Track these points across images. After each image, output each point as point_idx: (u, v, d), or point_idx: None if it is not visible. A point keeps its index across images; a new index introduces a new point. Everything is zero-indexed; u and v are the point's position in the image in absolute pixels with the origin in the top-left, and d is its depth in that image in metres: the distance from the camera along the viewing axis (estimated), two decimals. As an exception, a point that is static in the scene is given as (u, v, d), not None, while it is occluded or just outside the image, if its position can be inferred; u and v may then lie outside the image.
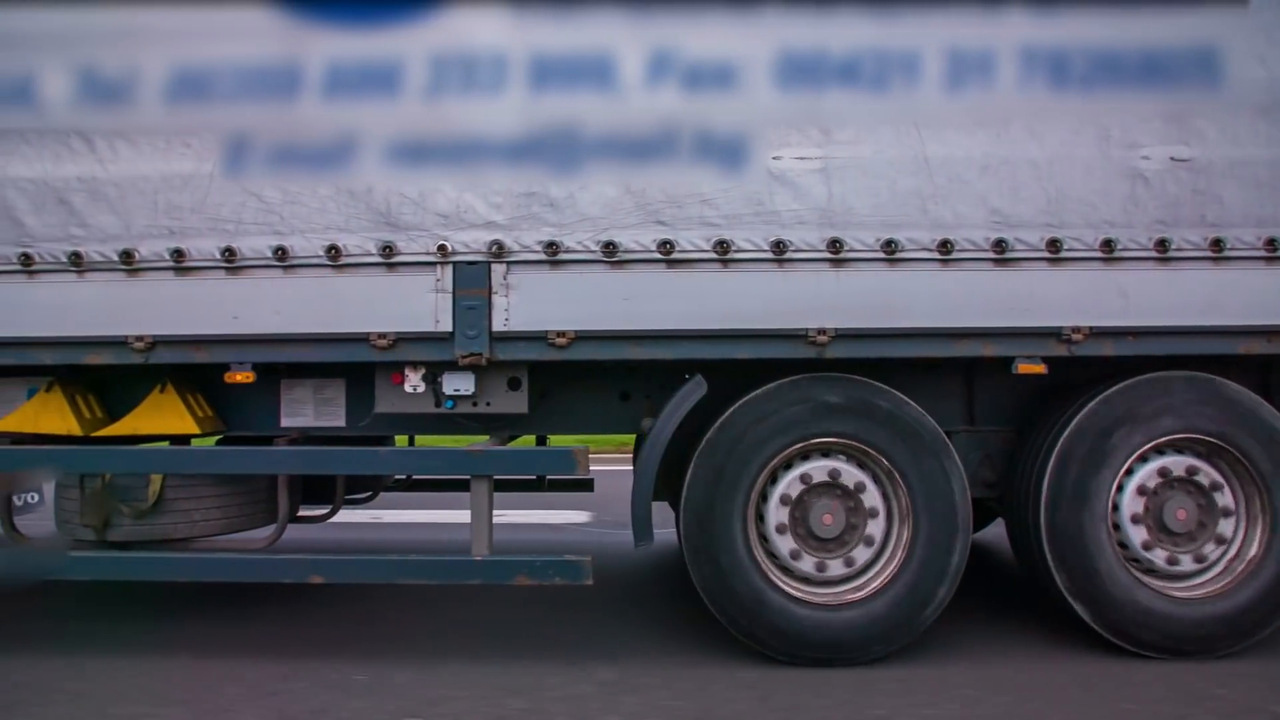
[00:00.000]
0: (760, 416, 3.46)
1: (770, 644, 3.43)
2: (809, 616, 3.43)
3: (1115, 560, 3.41)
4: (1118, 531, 3.46)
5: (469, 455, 3.43)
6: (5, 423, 4.03)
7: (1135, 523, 3.45)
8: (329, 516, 4.48)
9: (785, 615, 3.41)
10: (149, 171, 3.55)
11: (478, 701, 3.14)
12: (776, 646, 3.43)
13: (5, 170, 3.61)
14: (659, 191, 3.41)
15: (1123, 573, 3.41)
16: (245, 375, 3.55)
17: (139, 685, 3.31)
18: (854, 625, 3.42)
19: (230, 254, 3.49)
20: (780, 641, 3.42)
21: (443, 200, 3.45)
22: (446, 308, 3.44)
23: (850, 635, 3.42)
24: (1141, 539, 3.45)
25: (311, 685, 3.28)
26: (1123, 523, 3.45)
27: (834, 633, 3.42)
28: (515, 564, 3.44)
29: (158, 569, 3.58)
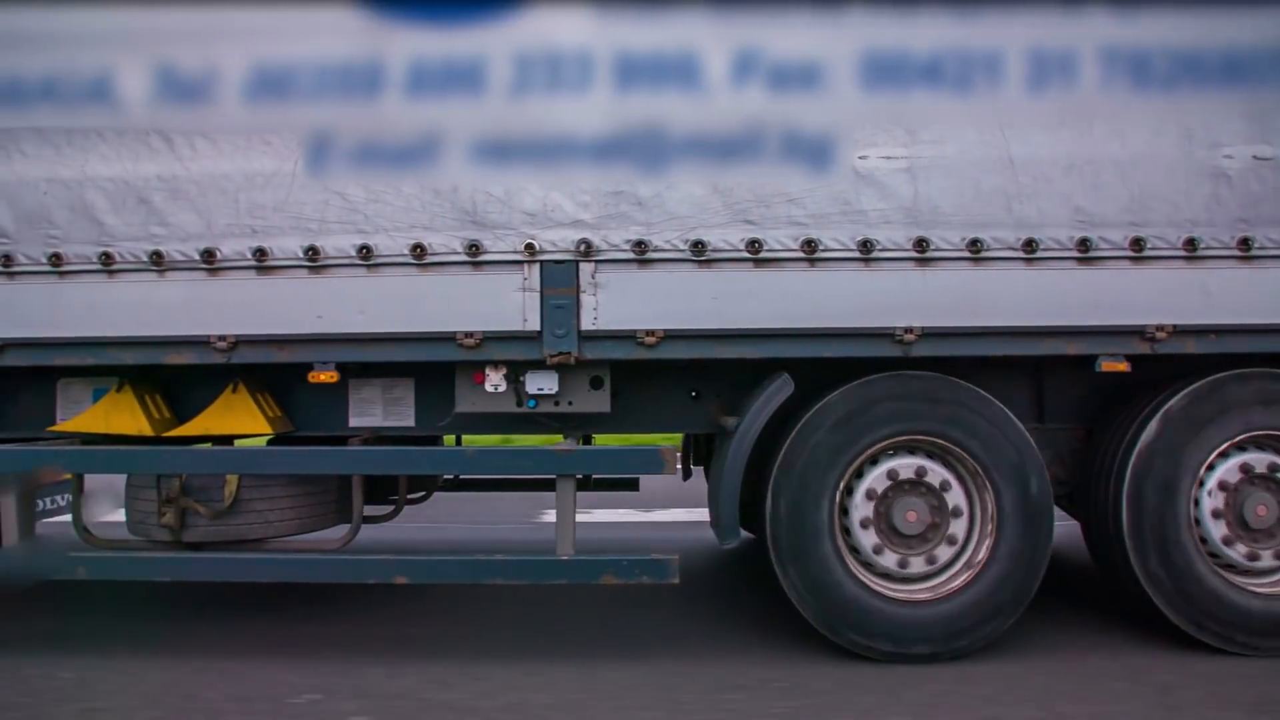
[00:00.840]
0: (846, 414, 3.48)
1: (851, 638, 3.44)
2: (890, 612, 3.44)
3: (1197, 555, 3.44)
4: (1198, 527, 3.49)
5: (557, 455, 3.42)
6: (75, 423, 4.01)
7: (1215, 518, 3.48)
8: (392, 517, 4.46)
9: (866, 610, 3.43)
10: (230, 170, 3.53)
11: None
12: (857, 641, 3.44)
13: (84, 169, 3.58)
14: (747, 191, 3.42)
15: (1205, 568, 3.45)
16: (329, 375, 3.54)
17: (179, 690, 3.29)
18: (935, 622, 3.44)
19: (314, 253, 3.48)
20: (861, 636, 3.43)
21: (529, 199, 3.45)
22: (534, 307, 3.44)
23: (931, 632, 3.43)
24: (1221, 534, 3.49)
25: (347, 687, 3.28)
26: (1203, 518, 3.48)
27: (915, 629, 3.43)
28: (602, 563, 3.44)
29: (241, 570, 3.57)
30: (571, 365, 3.47)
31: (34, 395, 4.17)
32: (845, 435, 3.47)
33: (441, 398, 3.98)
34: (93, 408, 4.02)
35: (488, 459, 3.53)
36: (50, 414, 4.15)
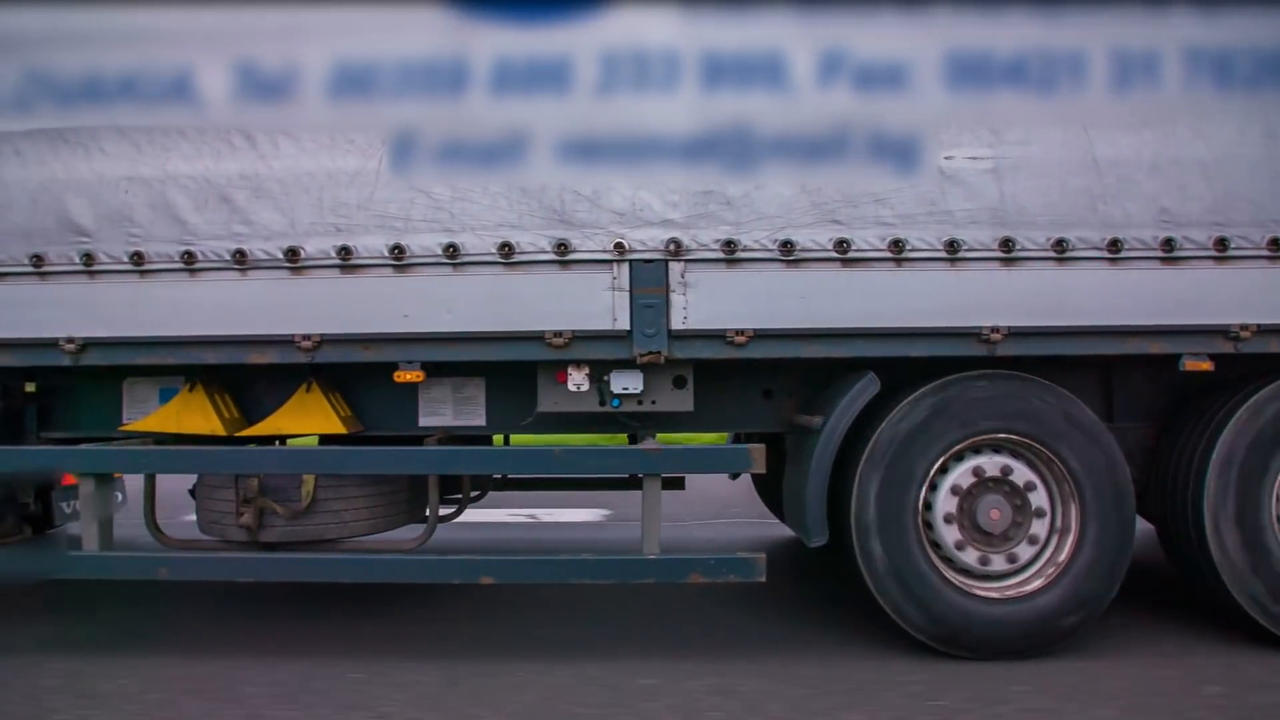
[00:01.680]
0: (932, 412, 3.49)
1: (931, 634, 3.45)
2: (971, 608, 3.45)
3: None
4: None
5: (646, 454, 3.42)
6: (147, 423, 3.98)
7: (1297, 514, 3.51)
8: (456, 516, 4.45)
9: (947, 606, 3.44)
10: (313, 168, 3.51)
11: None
12: (936, 637, 3.45)
13: (165, 167, 3.56)
14: (835, 191, 3.43)
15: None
16: (415, 374, 3.53)
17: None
18: (1014, 620, 3.45)
19: (399, 251, 3.46)
20: (939, 633, 3.44)
21: (618, 198, 3.45)
22: (624, 306, 3.44)
23: (1011, 630, 3.45)
24: (1308, 529, 3.51)
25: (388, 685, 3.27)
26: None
27: (995, 626, 3.44)
28: (689, 562, 3.45)
29: (327, 570, 3.56)
30: (660, 365, 3.47)
31: (98, 394, 4.15)
32: (932, 433, 3.48)
33: (513, 397, 3.98)
34: (164, 408, 3.99)
35: (575, 459, 3.52)
36: (115, 413, 4.14)
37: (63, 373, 4.06)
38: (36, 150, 3.60)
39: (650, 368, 3.56)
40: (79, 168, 3.59)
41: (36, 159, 3.60)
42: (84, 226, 3.57)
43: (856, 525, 3.47)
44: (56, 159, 3.60)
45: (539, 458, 3.52)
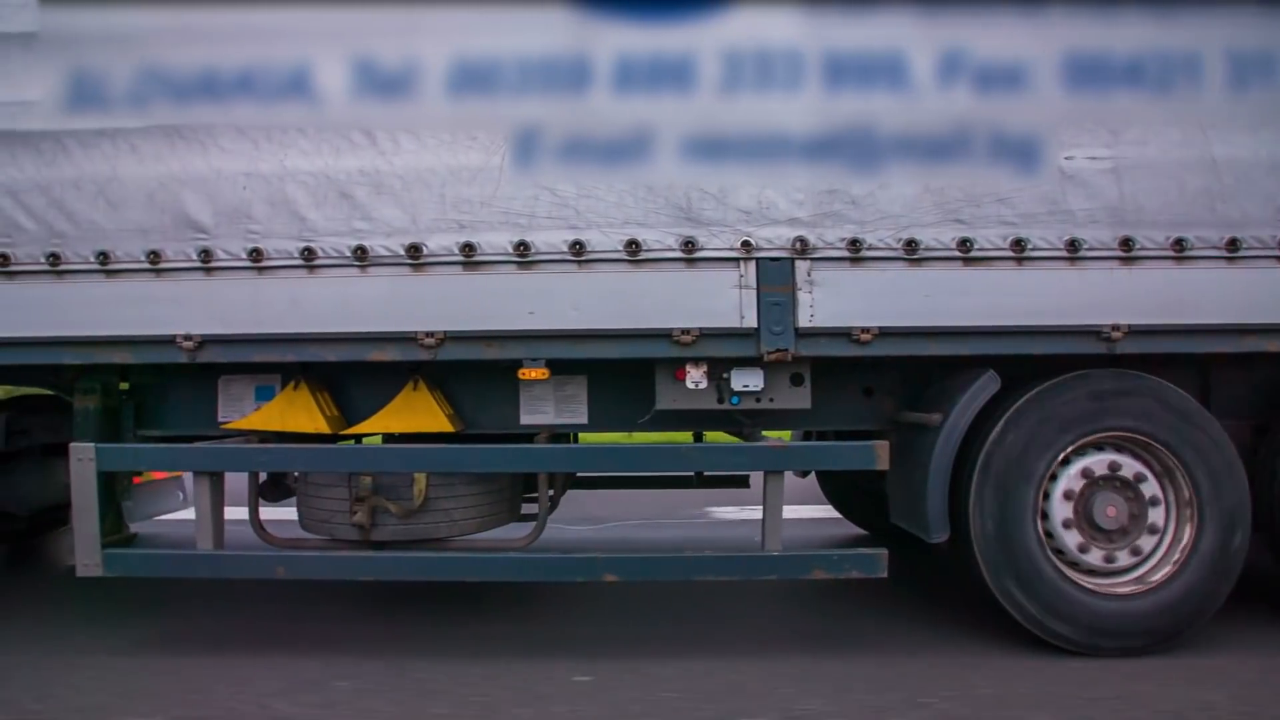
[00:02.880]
0: (1049, 412, 3.51)
1: (1063, 635, 3.47)
2: (1098, 606, 3.48)
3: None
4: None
5: (772, 451, 3.43)
6: (250, 421, 3.95)
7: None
8: (552, 514, 4.43)
9: (1076, 606, 3.47)
10: (435, 164, 3.50)
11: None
12: (1068, 638, 3.47)
13: (283, 163, 3.54)
14: (958, 191, 3.45)
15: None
16: (540, 372, 3.52)
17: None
18: (1140, 615, 3.48)
19: (524, 248, 3.46)
20: (1072, 632, 3.47)
21: (744, 196, 3.46)
22: (751, 304, 3.45)
23: (1138, 625, 3.48)
24: None
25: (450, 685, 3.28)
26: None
27: (1123, 622, 3.48)
28: (811, 558, 3.47)
29: (451, 569, 3.53)
30: (787, 362, 3.48)
31: (193, 392, 4.12)
32: (1039, 444, 3.49)
33: (614, 395, 3.99)
34: (267, 406, 3.97)
35: (703, 456, 3.53)
36: (210, 411, 4.10)
37: (156, 371, 4.04)
38: (153, 147, 3.57)
39: (768, 366, 3.57)
40: (196, 164, 3.56)
41: (153, 155, 3.57)
42: (202, 223, 3.54)
43: (980, 543, 3.48)
44: (173, 155, 3.57)
45: (667, 455, 3.53)
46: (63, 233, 3.59)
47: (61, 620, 4.16)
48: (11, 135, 3.61)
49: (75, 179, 3.59)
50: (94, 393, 4.01)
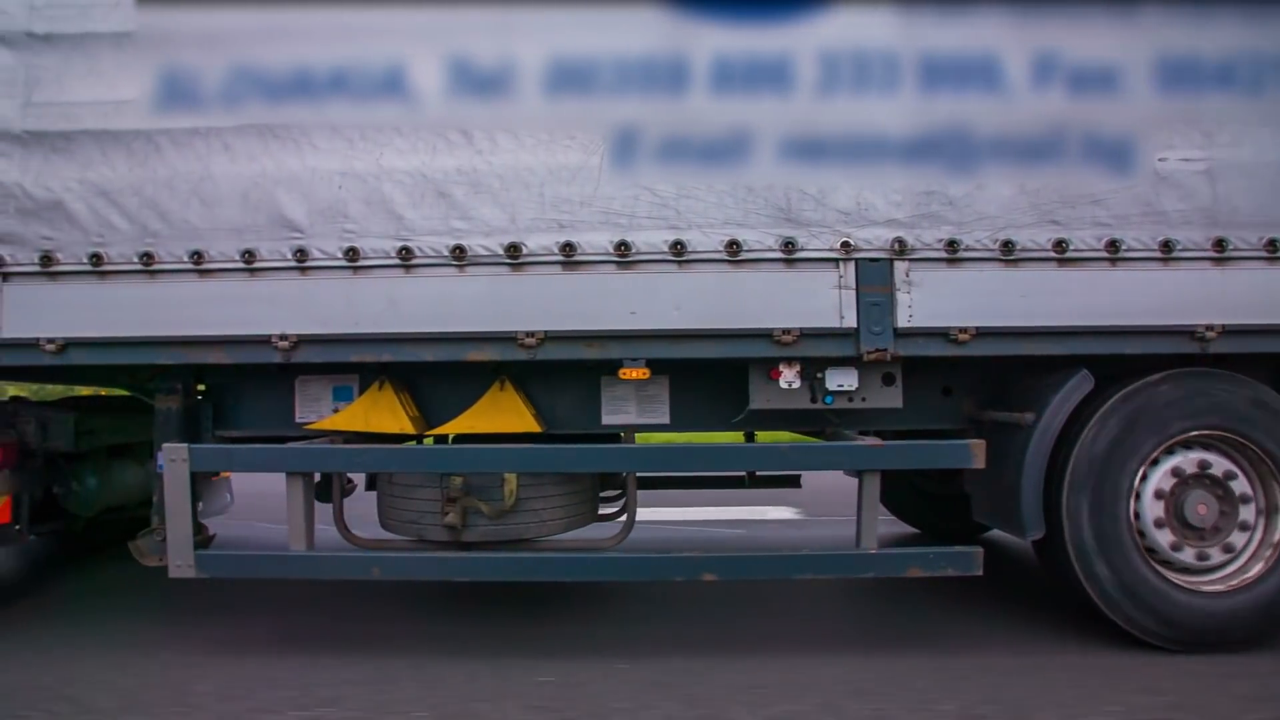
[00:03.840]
0: (1141, 411, 3.54)
1: (1160, 634, 3.50)
2: (1193, 603, 3.51)
3: None
4: None
5: (869, 449, 3.45)
6: (334, 421, 3.94)
7: None
8: (620, 514, 4.44)
9: (1170, 603, 3.50)
10: (533, 163, 3.50)
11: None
12: (1166, 636, 3.50)
13: (379, 162, 3.53)
14: (1053, 192, 3.48)
15: None
16: (641, 372, 3.52)
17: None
18: (1235, 611, 3.51)
19: (625, 248, 3.46)
20: (1167, 629, 3.50)
21: (843, 197, 3.47)
22: (850, 304, 3.46)
23: (1233, 621, 3.51)
24: None
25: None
26: None
27: (1219, 619, 3.50)
28: (907, 556, 3.49)
29: (548, 569, 3.55)
30: (885, 362, 3.50)
31: (269, 393, 4.11)
32: (1128, 446, 3.52)
33: (695, 395, 4.01)
34: (351, 406, 3.96)
35: (803, 455, 3.54)
36: (287, 412, 4.09)
37: (233, 371, 4.02)
38: (247, 145, 3.56)
39: (861, 366, 3.59)
40: (290, 163, 3.55)
41: (246, 154, 3.56)
42: (297, 222, 3.53)
43: (1075, 549, 3.51)
44: (267, 154, 3.55)
45: (770, 454, 3.54)
46: (156, 232, 3.57)
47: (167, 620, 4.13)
48: (104, 134, 3.60)
49: (168, 178, 3.57)
50: (175, 393, 3.99)
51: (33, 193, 3.61)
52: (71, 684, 3.31)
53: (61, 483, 4.67)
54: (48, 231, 3.60)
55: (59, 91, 3.63)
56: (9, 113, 3.62)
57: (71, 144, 3.61)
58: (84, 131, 3.61)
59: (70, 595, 4.66)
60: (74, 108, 3.62)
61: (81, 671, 3.44)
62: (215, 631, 3.93)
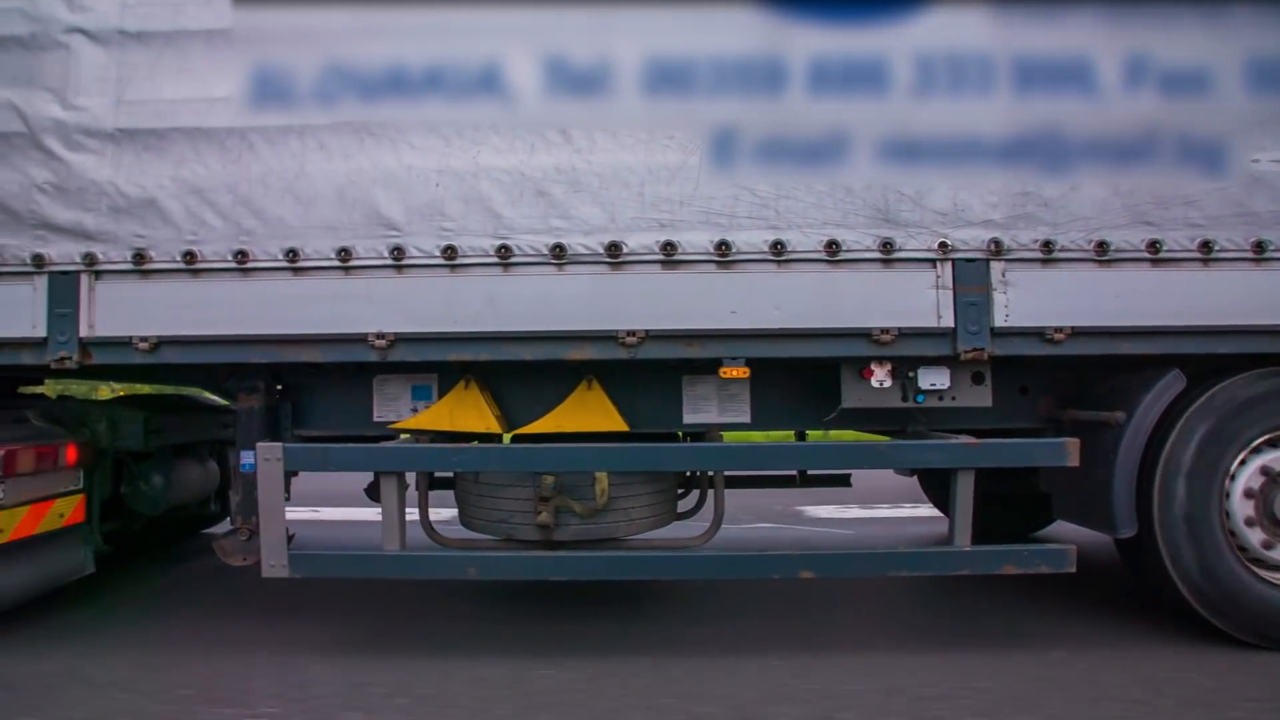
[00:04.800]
0: (1232, 410, 3.58)
1: (1253, 631, 3.53)
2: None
3: None
4: None
5: (965, 448, 3.47)
6: (419, 421, 3.94)
7: None
8: (695, 512, 4.45)
9: (1262, 600, 3.53)
10: (632, 163, 3.51)
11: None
12: (1259, 633, 3.53)
13: (476, 160, 3.53)
14: (1146, 193, 3.51)
15: None
16: (740, 371, 3.53)
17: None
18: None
19: (724, 247, 3.47)
20: (1260, 626, 3.53)
21: (940, 198, 3.50)
22: (948, 303, 3.49)
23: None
24: None
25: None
26: None
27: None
28: (1003, 554, 3.52)
29: (647, 567, 3.55)
30: (982, 361, 3.53)
31: (347, 393, 4.10)
32: (1219, 444, 3.55)
33: (777, 394, 4.03)
34: (436, 406, 3.96)
35: (901, 452, 3.55)
36: (365, 411, 4.08)
37: (309, 370, 4.01)
38: (341, 143, 3.55)
39: (953, 365, 3.61)
40: (386, 160, 3.54)
41: (341, 152, 3.55)
42: (393, 220, 3.53)
43: (1167, 548, 3.54)
44: (362, 152, 3.55)
45: (868, 452, 3.54)
46: (250, 230, 3.56)
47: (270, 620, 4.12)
48: (197, 132, 3.58)
49: (262, 175, 3.56)
50: (257, 392, 3.97)
51: (125, 190, 3.59)
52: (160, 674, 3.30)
53: (129, 482, 4.66)
54: (141, 229, 3.58)
55: (151, 89, 3.61)
56: (100, 110, 3.61)
57: (164, 141, 3.59)
58: (176, 129, 3.59)
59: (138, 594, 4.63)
60: (166, 105, 3.60)
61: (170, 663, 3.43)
62: (267, 631, 3.92)
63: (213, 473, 5.30)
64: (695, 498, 4.38)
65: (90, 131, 3.60)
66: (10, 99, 3.61)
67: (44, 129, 3.60)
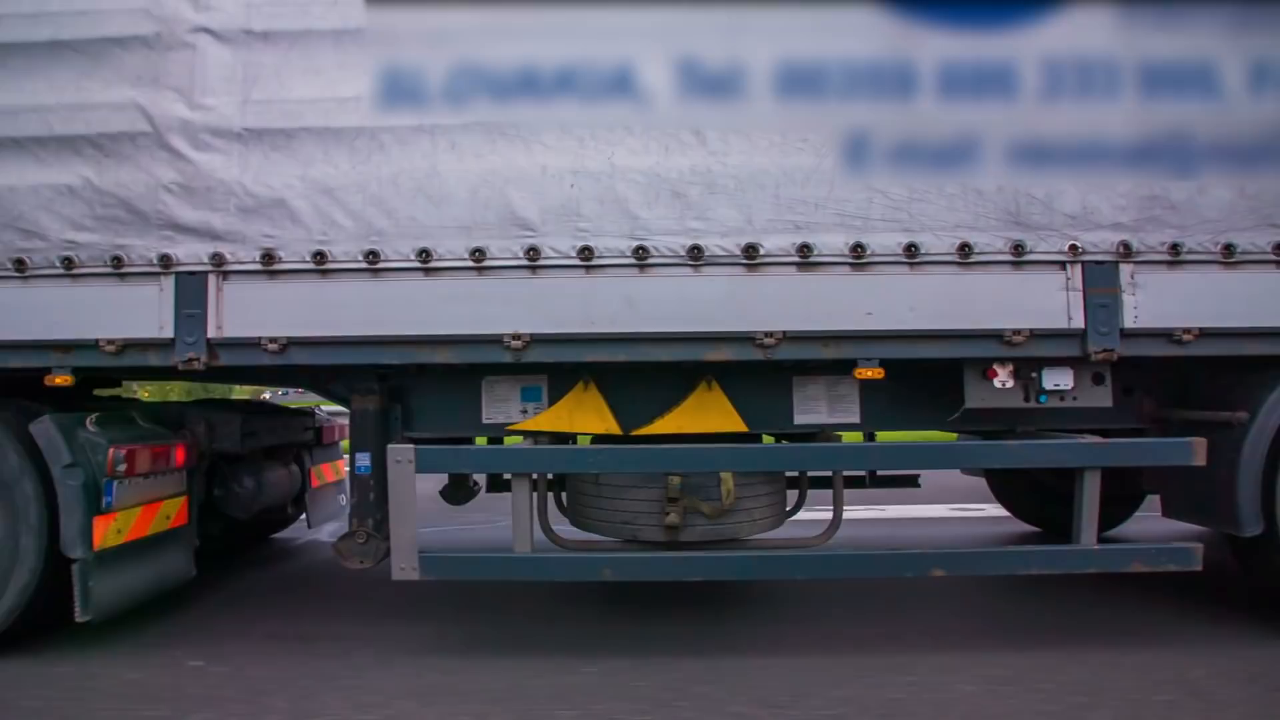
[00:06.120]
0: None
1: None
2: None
3: None
4: None
5: (1093, 446, 3.52)
6: (537, 422, 3.94)
7: None
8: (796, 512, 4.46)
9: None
10: (767, 165, 3.54)
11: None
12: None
13: (611, 161, 3.53)
14: (1272, 196, 3.57)
15: None
16: (875, 372, 3.56)
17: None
18: None
19: (860, 250, 3.50)
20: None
21: (1069, 201, 3.54)
22: (1078, 305, 3.53)
23: None
24: None
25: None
26: None
27: None
28: (1130, 552, 3.58)
29: (776, 568, 3.60)
30: (1103, 362, 3.58)
31: (455, 394, 4.08)
32: None
33: (885, 395, 4.05)
34: (555, 407, 3.95)
35: (1030, 452, 3.59)
36: (474, 413, 4.06)
37: (415, 372, 3.99)
38: (473, 143, 3.55)
39: (1076, 365, 3.66)
40: (519, 161, 3.54)
41: (473, 152, 3.55)
42: (528, 220, 3.52)
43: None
44: (495, 152, 3.55)
45: (997, 451, 3.59)
46: (381, 230, 3.54)
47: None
48: (325, 131, 3.57)
49: (393, 175, 3.55)
50: (373, 394, 3.95)
51: (253, 190, 3.56)
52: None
53: (221, 484, 4.62)
54: (269, 229, 3.55)
55: (278, 89, 3.59)
56: (227, 110, 3.58)
57: (292, 141, 3.57)
58: (305, 129, 3.57)
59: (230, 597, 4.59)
60: (294, 105, 3.58)
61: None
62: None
63: (295, 476, 5.25)
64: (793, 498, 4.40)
65: (217, 131, 3.57)
66: (135, 99, 3.58)
67: (170, 129, 3.57)
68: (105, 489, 3.62)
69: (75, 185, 3.58)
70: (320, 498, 5.60)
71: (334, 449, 5.84)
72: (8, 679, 3.39)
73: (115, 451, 3.63)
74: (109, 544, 3.63)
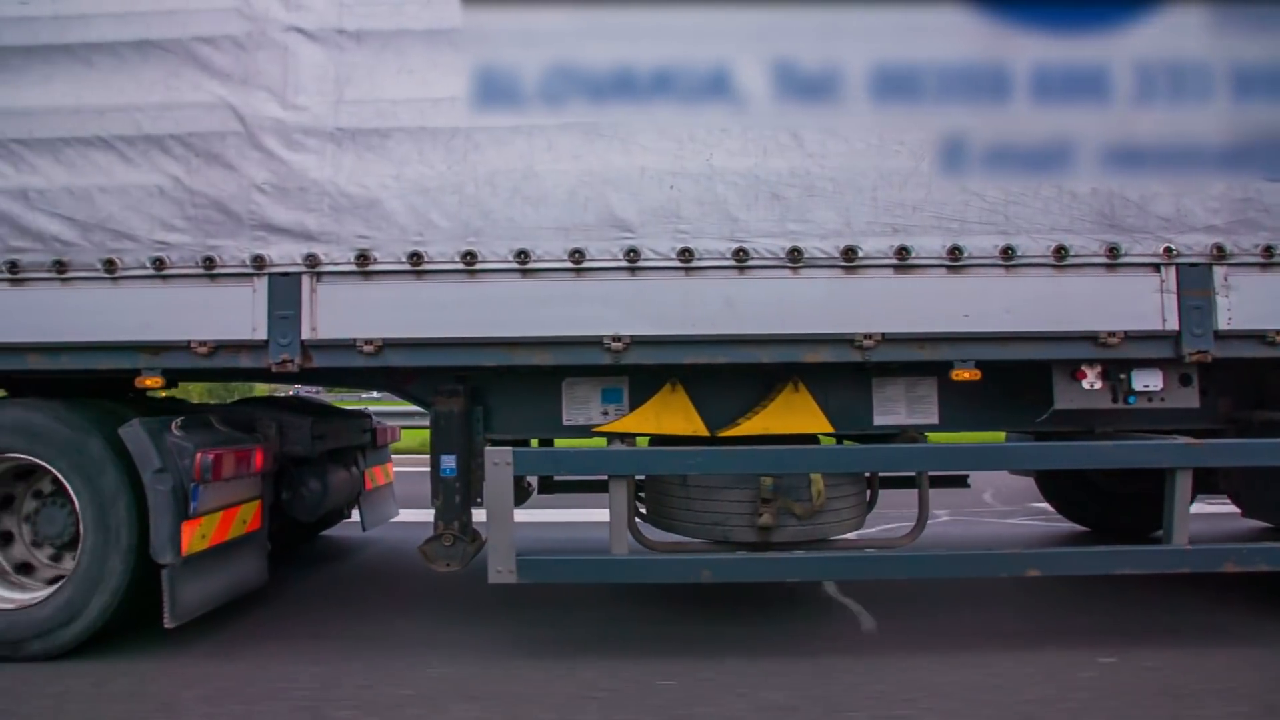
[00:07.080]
0: None
1: None
2: None
3: None
4: None
5: (1184, 447, 3.55)
6: (624, 424, 3.94)
7: None
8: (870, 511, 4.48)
9: None
10: (865, 167, 3.54)
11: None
12: None
13: (710, 162, 3.53)
14: (1364, 198, 3.63)
15: None
16: (972, 373, 3.58)
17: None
18: None
19: (956, 253, 3.52)
20: None
21: (1163, 204, 3.57)
22: (1173, 308, 3.56)
23: None
24: None
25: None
26: None
27: None
28: (1224, 552, 3.61)
29: (878, 568, 3.58)
30: (1192, 364, 3.62)
31: (534, 396, 4.06)
32: None
33: (962, 396, 4.07)
34: (641, 409, 3.95)
35: (1119, 452, 3.61)
36: (554, 414, 4.04)
37: (493, 373, 3.97)
38: (570, 144, 3.53)
39: (1165, 367, 3.70)
40: (616, 162, 3.53)
41: (571, 153, 3.53)
42: (627, 221, 3.52)
43: None
44: (592, 153, 3.53)
45: (1083, 452, 3.61)
46: (478, 230, 3.52)
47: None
48: (420, 131, 3.54)
49: (489, 175, 3.53)
50: (457, 395, 3.93)
51: (347, 190, 3.53)
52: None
53: (289, 487, 4.57)
54: (364, 230, 3.53)
55: (371, 89, 3.56)
56: (320, 110, 3.55)
57: (386, 141, 3.54)
58: (399, 129, 3.55)
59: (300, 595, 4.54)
60: (387, 105, 3.56)
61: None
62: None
63: (356, 478, 5.21)
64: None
65: (310, 131, 3.54)
66: (226, 98, 3.54)
67: (262, 128, 3.53)
68: (192, 494, 3.58)
69: (165, 185, 3.54)
70: (375, 500, 5.56)
71: (384, 451, 5.80)
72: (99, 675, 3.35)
73: (203, 457, 3.59)
74: (195, 549, 3.59)
